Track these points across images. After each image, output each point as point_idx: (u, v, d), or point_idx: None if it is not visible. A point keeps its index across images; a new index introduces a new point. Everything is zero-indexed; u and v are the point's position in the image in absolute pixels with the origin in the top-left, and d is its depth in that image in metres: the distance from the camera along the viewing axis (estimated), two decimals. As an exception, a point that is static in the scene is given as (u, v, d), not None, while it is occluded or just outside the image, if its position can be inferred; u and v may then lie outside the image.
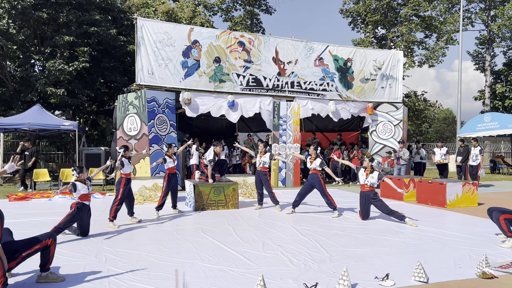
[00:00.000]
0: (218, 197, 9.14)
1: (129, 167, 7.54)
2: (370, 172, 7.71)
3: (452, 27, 28.68)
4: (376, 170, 7.84)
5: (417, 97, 30.55)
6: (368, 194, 7.71)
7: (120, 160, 7.40)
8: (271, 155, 9.09)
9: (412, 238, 6.36)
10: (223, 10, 31.36)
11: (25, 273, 4.57)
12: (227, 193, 9.22)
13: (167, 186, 8.43)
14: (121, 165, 7.31)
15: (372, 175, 7.68)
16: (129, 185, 7.52)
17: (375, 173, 7.71)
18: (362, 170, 7.89)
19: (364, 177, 7.77)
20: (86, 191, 6.37)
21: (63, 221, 6.14)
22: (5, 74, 17.54)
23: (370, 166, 7.77)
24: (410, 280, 4.33)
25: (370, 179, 7.67)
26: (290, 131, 14.56)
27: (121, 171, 7.37)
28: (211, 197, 9.08)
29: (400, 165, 13.69)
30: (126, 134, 12.62)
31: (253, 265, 4.88)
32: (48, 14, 16.67)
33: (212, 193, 9.08)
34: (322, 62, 15.29)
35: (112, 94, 20.44)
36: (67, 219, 6.15)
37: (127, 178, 7.44)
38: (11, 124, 13.46)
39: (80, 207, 6.23)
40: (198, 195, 8.99)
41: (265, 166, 9.10)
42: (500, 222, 6.00)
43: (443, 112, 51.06)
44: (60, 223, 6.11)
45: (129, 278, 4.39)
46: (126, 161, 7.48)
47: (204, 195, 9.02)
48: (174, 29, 13.16)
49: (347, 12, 30.85)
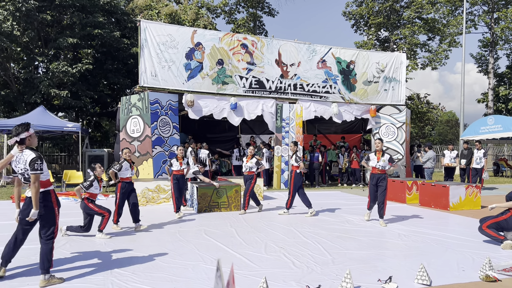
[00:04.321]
0: (221, 199, 9.15)
1: (128, 171, 7.12)
2: (381, 155, 7.69)
3: (455, 29, 28.63)
4: (388, 153, 7.84)
5: (420, 99, 30.49)
6: (379, 177, 7.68)
7: (120, 163, 7.08)
8: (257, 162, 8.91)
9: (415, 240, 6.34)
10: (226, 12, 31.41)
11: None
12: (230, 194, 9.23)
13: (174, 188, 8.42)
14: (117, 169, 6.98)
15: (383, 158, 7.66)
16: (127, 190, 7.11)
17: (386, 155, 7.70)
18: (373, 154, 7.86)
19: (376, 161, 7.73)
20: (97, 191, 6.50)
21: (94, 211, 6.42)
22: (9, 76, 17.62)
23: (381, 149, 7.75)
24: (413, 283, 4.32)
25: (382, 162, 7.65)
26: (292, 133, 14.55)
27: (120, 174, 7.06)
28: (213, 199, 9.10)
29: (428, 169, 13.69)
30: (129, 136, 12.65)
31: (256, 267, 4.88)
32: (52, 16, 16.76)
33: (214, 195, 9.09)
34: (325, 65, 15.30)
35: (115, 96, 20.51)
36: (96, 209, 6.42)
37: (123, 182, 7.08)
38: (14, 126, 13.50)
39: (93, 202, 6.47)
40: (201, 197, 9.00)
41: (251, 171, 8.87)
42: (485, 231, 6.04)
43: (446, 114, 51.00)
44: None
45: (132, 280, 4.40)
46: (127, 165, 7.11)
47: (207, 197, 9.04)
48: (177, 31, 13.20)
49: (350, 14, 30.83)
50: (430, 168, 13.59)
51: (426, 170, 13.70)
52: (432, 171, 13.64)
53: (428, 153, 13.72)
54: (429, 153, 13.72)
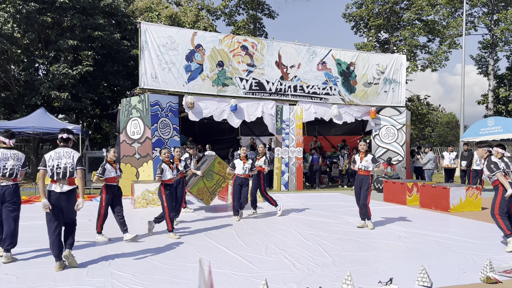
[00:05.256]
0: (213, 180, 9.04)
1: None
2: (364, 156, 7.56)
3: (455, 31, 28.64)
4: (370, 153, 7.72)
5: (420, 101, 30.50)
6: (362, 178, 7.54)
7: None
8: (252, 164, 8.54)
9: (416, 242, 6.33)
10: (226, 14, 31.46)
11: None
12: (217, 170, 9.07)
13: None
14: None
15: (366, 158, 7.52)
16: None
17: (369, 156, 7.55)
18: (357, 155, 7.75)
19: (359, 161, 7.61)
20: (113, 174, 6.41)
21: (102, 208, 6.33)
22: (9, 78, 17.64)
23: (364, 150, 7.60)
24: (413, 284, 4.31)
25: (364, 162, 7.51)
26: (293, 135, 14.56)
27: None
28: (208, 185, 8.98)
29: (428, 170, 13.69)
30: (129, 137, 12.66)
31: (256, 269, 4.88)
32: (52, 18, 16.80)
33: (206, 182, 8.96)
34: (325, 66, 15.31)
35: (115, 98, 20.53)
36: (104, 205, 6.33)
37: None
38: (15, 128, 13.48)
39: (107, 191, 6.35)
40: (200, 193, 8.91)
41: (247, 174, 8.41)
42: (496, 219, 5.97)
43: (446, 116, 50.97)
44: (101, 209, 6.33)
45: (132, 282, 4.40)
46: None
47: (203, 189, 8.93)
48: (177, 33, 13.22)
49: (350, 16, 30.87)
50: (430, 170, 13.59)
51: (426, 172, 13.70)
52: (432, 173, 13.64)
53: (428, 154, 13.72)
54: (429, 154, 13.72)
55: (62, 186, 4.89)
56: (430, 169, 13.59)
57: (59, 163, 4.94)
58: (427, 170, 13.66)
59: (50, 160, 4.93)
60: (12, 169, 5.27)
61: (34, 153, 18.16)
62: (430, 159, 13.60)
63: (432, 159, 13.64)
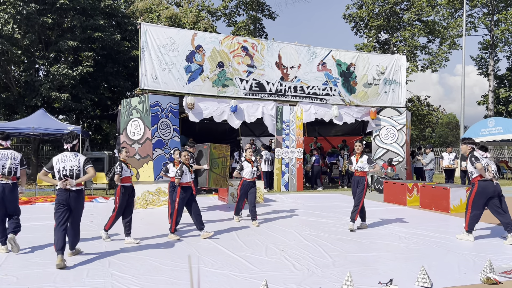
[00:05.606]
0: (220, 165, 8.92)
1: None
2: (360, 157, 7.56)
3: (455, 32, 28.67)
4: (366, 154, 7.72)
5: (420, 101, 30.52)
6: (358, 179, 7.53)
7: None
8: (257, 166, 8.38)
9: (416, 243, 6.33)
10: (227, 15, 31.49)
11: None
12: (217, 155, 8.87)
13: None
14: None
15: (361, 159, 7.51)
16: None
17: (364, 157, 7.54)
18: (353, 157, 7.73)
19: (355, 162, 7.60)
20: (128, 173, 6.37)
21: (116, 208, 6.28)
22: (9, 79, 17.65)
23: (360, 151, 7.61)
24: (414, 285, 4.31)
25: (360, 163, 7.51)
26: (293, 136, 14.56)
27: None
28: (218, 172, 8.87)
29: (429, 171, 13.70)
30: (130, 138, 12.67)
31: (257, 270, 4.87)
32: (52, 19, 16.81)
33: (215, 170, 8.83)
34: (325, 67, 15.32)
35: (115, 99, 20.54)
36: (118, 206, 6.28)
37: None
38: (15, 129, 13.52)
39: (123, 191, 6.26)
40: (216, 183, 8.80)
41: (254, 177, 8.22)
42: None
43: (446, 116, 50.99)
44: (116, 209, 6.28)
45: (132, 283, 4.40)
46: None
47: (216, 177, 8.81)
48: (177, 34, 13.24)
49: (350, 17, 30.90)
50: (431, 170, 13.59)
51: (427, 172, 13.70)
52: (432, 173, 13.64)
53: (429, 155, 13.73)
54: (430, 154, 13.73)
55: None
56: (431, 170, 13.59)
57: (65, 165, 5.16)
58: (428, 171, 13.66)
59: (57, 163, 5.16)
60: (10, 168, 5.63)
61: (34, 154, 18.16)
62: (432, 160, 13.61)
63: (433, 159, 13.66)
